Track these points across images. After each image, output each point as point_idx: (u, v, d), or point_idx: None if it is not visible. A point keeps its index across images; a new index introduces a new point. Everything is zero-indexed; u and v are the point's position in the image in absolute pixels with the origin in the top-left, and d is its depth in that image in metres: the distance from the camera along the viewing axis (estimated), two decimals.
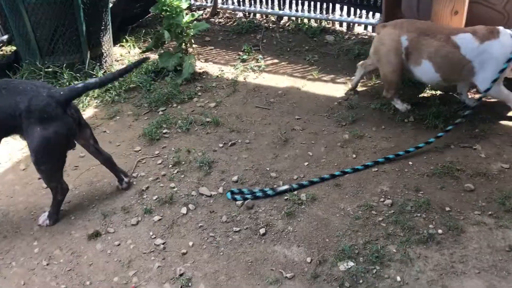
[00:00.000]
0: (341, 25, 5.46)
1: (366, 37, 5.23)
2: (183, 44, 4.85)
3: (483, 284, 2.56)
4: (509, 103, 3.65)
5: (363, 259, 2.75)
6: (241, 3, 5.91)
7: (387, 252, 2.78)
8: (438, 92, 4.09)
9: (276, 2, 5.70)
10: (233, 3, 5.99)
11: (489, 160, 3.39)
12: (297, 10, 5.61)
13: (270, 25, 5.70)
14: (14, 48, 5.23)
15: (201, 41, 5.46)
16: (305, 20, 5.58)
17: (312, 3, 5.45)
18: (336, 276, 2.68)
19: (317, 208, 3.15)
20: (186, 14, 4.78)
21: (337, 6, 5.37)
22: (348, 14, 5.34)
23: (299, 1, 5.54)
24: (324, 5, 5.39)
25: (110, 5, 5.23)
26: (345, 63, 4.81)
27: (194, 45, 5.20)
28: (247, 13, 5.95)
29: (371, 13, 5.19)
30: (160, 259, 2.89)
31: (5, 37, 5.62)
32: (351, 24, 5.37)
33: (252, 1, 5.84)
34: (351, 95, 4.27)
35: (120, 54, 5.24)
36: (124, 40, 5.44)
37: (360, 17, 5.29)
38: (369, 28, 5.27)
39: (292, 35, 5.46)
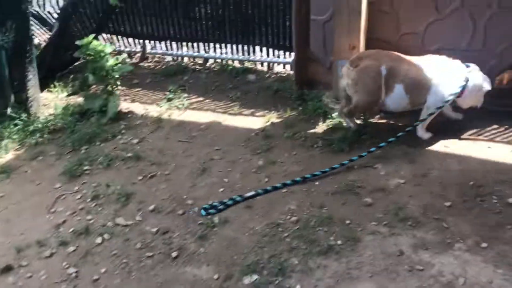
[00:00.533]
0: (262, 65, 5.81)
1: (285, 74, 5.59)
2: (108, 86, 5.03)
3: (374, 286, 2.76)
4: (422, 126, 4.03)
5: (267, 272, 2.91)
6: (169, 47, 6.20)
7: (289, 264, 2.95)
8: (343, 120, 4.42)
9: (202, 46, 6.02)
10: (161, 48, 6.28)
11: (387, 177, 3.68)
12: (221, 53, 5.95)
13: (197, 67, 5.99)
14: None
15: (129, 84, 5.65)
16: (229, 62, 5.90)
17: (234, 46, 5.80)
18: None
19: (229, 229, 3.31)
20: (111, 57, 5.01)
21: (257, 48, 5.73)
22: (268, 54, 5.71)
23: (223, 45, 5.88)
24: (246, 48, 5.75)
25: (37, 52, 5.39)
26: (265, 98, 5.11)
27: (122, 87, 5.39)
28: (175, 57, 6.23)
29: (287, 53, 5.57)
30: (71, 286, 2.94)
31: None
32: (271, 63, 5.73)
33: (180, 46, 6.14)
34: (267, 126, 4.54)
35: (48, 99, 5.35)
36: (52, 85, 5.56)
37: (279, 57, 5.67)
38: (287, 66, 5.64)
39: (217, 75, 5.76)
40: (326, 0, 4.54)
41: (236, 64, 5.90)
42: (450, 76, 3.92)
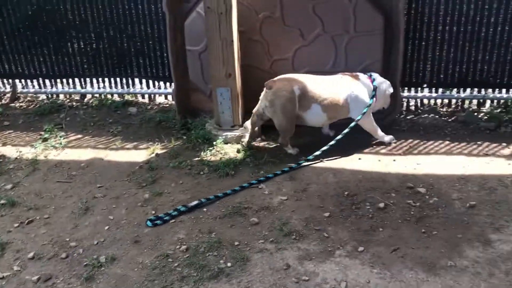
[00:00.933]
0: (143, 97, 5.77)
1: (167, 105, 5.61)
2: None
3: None
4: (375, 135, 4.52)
5: None
6: (42, 85, 5.91)
7: None
8: (227, 145, 4.53)
9: (78, 82, 5.82)
10: (33, 86, 5.96)
11: (271, 195, 3.84)
12: (99, 87, 5.80)
13: (74, 103, 5.78)
14: None
15: None
16: (108, 96, 5.78)
17: (112, 79, 5.70)
18: None
19: (117, 267, 3.20)
20: None
21: (137, 80, 5.68)
22: (148, 86, 5.69)
23: (100, 79, 5.75)
24: (124, 80, 5.67)
25: None
26: (147, 130, 5.08)
27: None
28: (49, 95, 5.94)
29: (168, 83, 5.59)
30: None
31: None
32: (152, 95, 5.72)
33: (54, 83, 5.88)
34: (152, 158, 4.50)
35: None
36: None
37: (160, 88, 5.68)
38: (169, 97, 5.66)
39: (96, 110, 5.60)
40: (199, 31, 4.68)
41: (116, 97, 5.79)
42: (362, 90, 4.34)
